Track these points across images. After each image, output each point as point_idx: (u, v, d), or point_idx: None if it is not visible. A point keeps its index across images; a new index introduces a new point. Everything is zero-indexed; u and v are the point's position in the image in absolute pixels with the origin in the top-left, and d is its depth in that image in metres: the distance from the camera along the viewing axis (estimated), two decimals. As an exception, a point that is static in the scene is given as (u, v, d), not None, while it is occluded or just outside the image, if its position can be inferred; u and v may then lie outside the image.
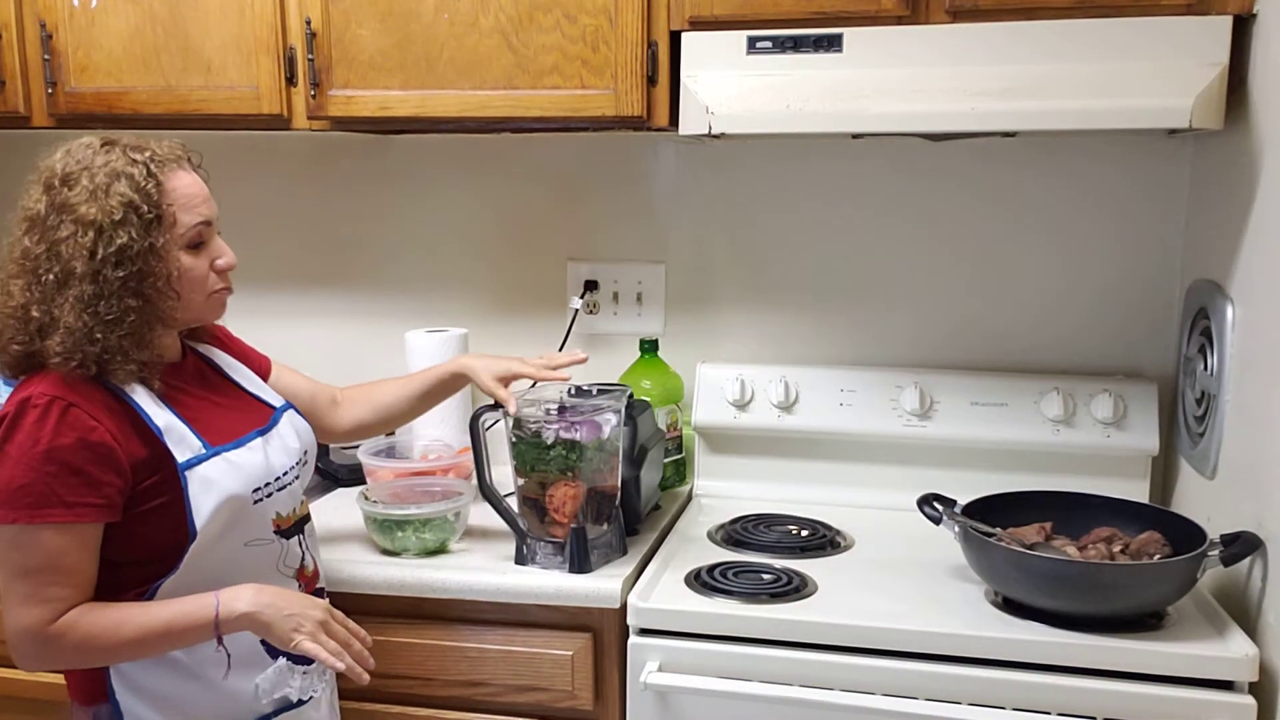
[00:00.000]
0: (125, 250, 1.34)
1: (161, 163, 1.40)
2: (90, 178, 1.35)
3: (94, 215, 1.34)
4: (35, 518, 1.31)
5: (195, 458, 1.40)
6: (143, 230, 1.35)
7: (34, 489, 1.31)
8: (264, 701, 1.47)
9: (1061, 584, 1.54)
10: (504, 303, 2.32)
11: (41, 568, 1.32)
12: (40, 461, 1.31)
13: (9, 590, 1.35)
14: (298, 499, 1.56)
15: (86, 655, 1.38)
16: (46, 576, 1.33)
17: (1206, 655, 1.47)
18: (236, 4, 1.93)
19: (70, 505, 1.32)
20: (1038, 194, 2.07)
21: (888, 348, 2.16)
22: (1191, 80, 1.60)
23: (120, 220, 1.34)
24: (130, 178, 1.36)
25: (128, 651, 1.38)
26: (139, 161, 1.37)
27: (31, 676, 1.84)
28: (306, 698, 1.53)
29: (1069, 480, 1.92)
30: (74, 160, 1.38)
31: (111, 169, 1.36)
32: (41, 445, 1.31)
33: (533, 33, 1.85)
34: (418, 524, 1.77)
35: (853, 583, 1.72)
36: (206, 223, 1.43)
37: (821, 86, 1.73)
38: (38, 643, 1.34)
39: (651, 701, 1.62)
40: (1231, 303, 1.71)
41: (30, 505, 1.31)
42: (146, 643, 1.37)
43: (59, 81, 2.02)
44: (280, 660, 1.48)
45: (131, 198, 1.35)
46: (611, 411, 1.74)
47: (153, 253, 1.36)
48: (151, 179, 1.37)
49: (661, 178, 2.22)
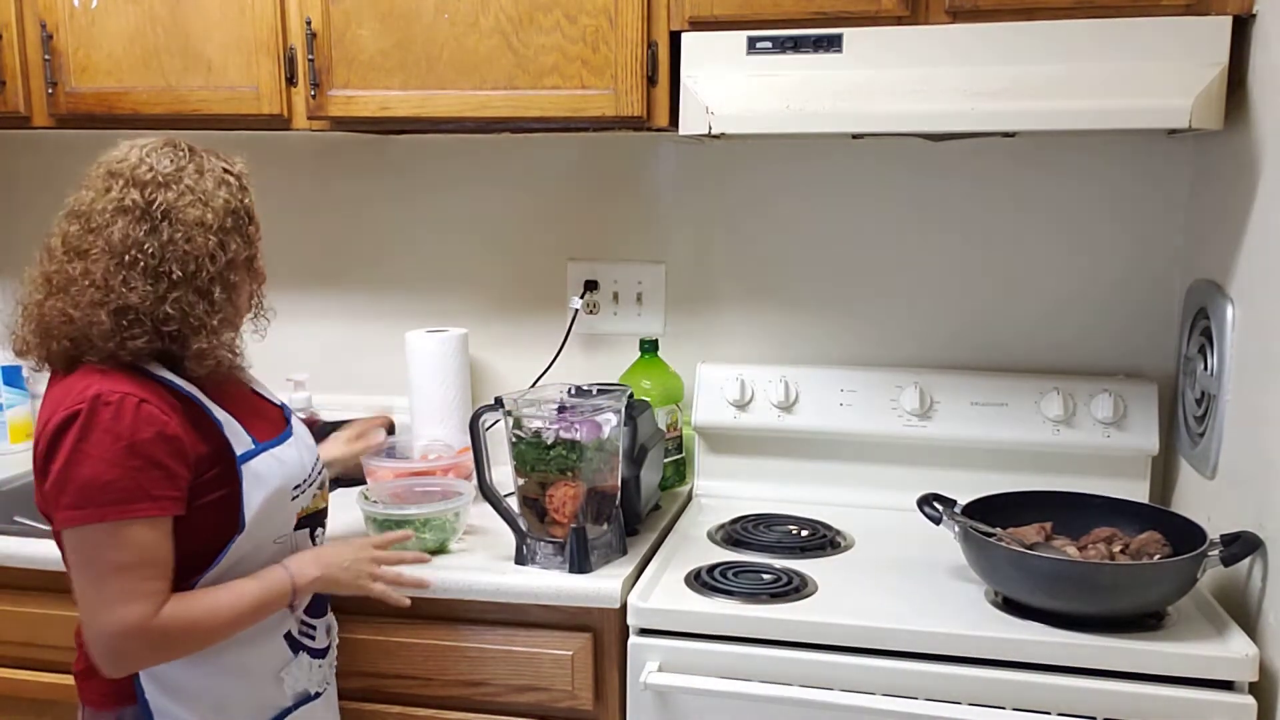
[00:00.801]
0: (236, 256, 1.41)
1: (247, 178, 1.46)
2: (193, 180, 1.38)
3: (209, 219, 1.37)
4: (125, 513, 1.31)
5: (248, 452, 1.42)
6: (245, 241, 1.43)
7: (121, 485, 1.30)
8: (288, 694, 1.50)
9: (1062, 584, 1.54)
10: (504, 303, 2.32)
11: (137, 562, 1.32)
12: (124, 456, 1.31)
13: (100, 590, 1.32)
14: (313, 495, 1.58)
15: (189, 644, 1.38)
16: (144, 571, 1.32)
17: (1206, 655, 1.47)
18: (237, 4, 1.93)
19: (156, 499, 1.32)
20: (1038, 194, 2.07)
21: (888, 348, 2.16)
22: (1191, 80, 1.60)
23: (231, 227, 1.40)
24: (229, 185, 1.41)
25: (223, 634, 1.40)
26: (232, 173, 1.43)
27: (36, 677, 1.85)
28: (322, 689, 1.56)
29: (1069, 480, 1.92)
30: (166, 161, 1.38)
31: (214, 176, 1.40)
32: (124, 440, 1.31)
33: (533, 33, 1.85)
34: (418, 524, 1.77)
35: (853, 583, 1.72)
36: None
37: (822, 87, 1.73)
38: (144, 638, 1.33)
39: (651, 701, 1.62)
40: (1231, 303, 1.71)
41: (119, 501, 1.30)
42: (239, 622, 1.40)
43: (59, 82, 2.02)
44: (301, 654, 1.51)
45: (236, 206, 1.41)
46: (611, 411, 1.74)
47: (250, 263, 1.45)
48: (245, 192, 1.44)
49: (661, 178, 2.22)
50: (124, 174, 1.37)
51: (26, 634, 1.84)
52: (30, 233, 1.49)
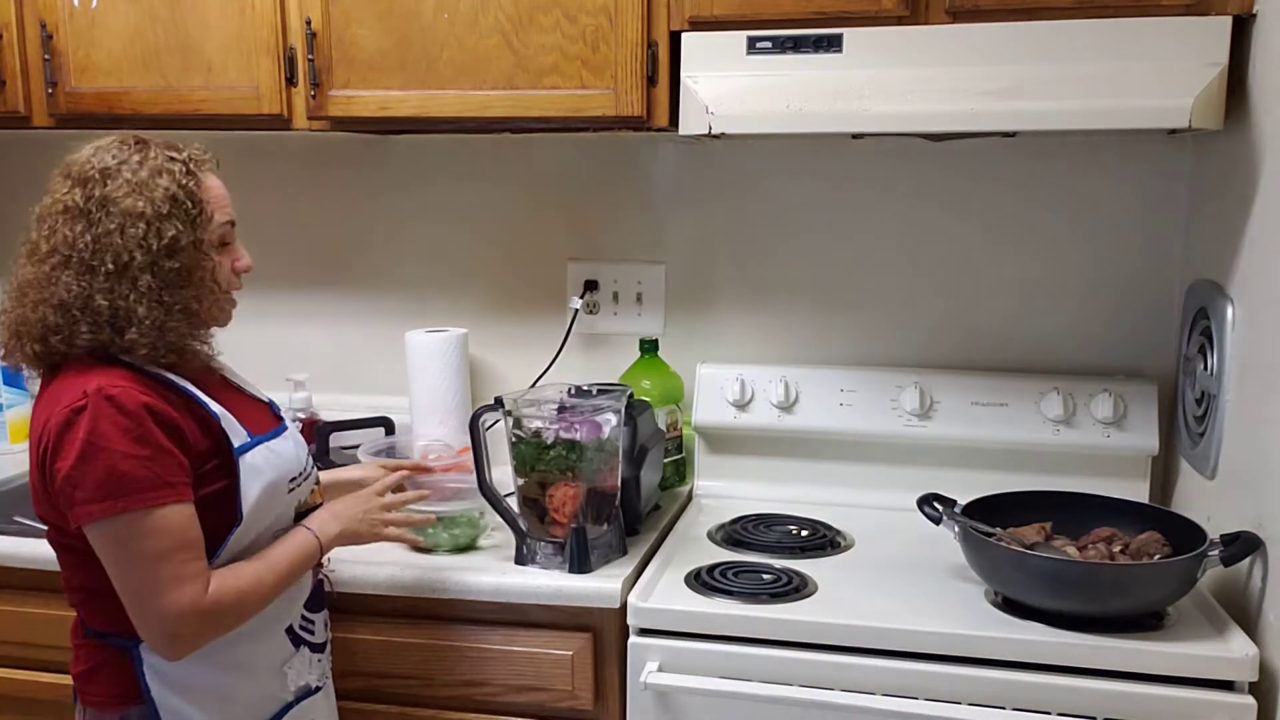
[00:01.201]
0: (176, 242, 1.37)
1: (198, 162, 1.43)
2: (132, 172, 1.37)
3: (142, 208, 1.36)
4: (148, 502, 1.31)
5: (245, 444, 1.42)
6: (188, 224, 1.38)
7: (139, 474, 1.31)
8: (291, 689, 1.50)
9: (1061, 584, 1.54)
10: (504, 302, 2.32)
11: (176, 546, 1.33)
12: (135, 446, 1.31)
13: (150, 579, 1.32)
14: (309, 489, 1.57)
15: (240, 615, 1.39)
16: (184, 554, 1.33)
17: (1207, 655, 1.47)
18: (237, 4, 1.93)
19: (173, 485, 1.33)
20: (1037, 193, 2.07)
21: (888, 347, 2.16)
22: (1191, 80, 1.60)
23: (167, 214, 1.37)
24: (171, 174, 1.39)
25: (267, 599, 1.42)
26: (178, 159, 1.41)
27: (33, 677, 1.85)
28: (322, 683, 1.57)
29: (1069, 480, 1.92)
30: (109, 156, 1.39)
31: (153, 165, 1.38)
32: (133, 431, 1.31)
33: (533, 32, 1.85)
34: (448, 521, 1.78)
35: (853, 583, 1.72)
36: (232, 223, 1.47)
37: (821, 87, 1.73)
38: (200, 618, 1.34)
39: (651, 701, 1.62)
40: (1231, 303, 1.71)
41: (140, 490, 1.31)
42: (280, 586, 1.43)
43: (59, 81, 2.02)
44: (302, 649, 1.51)
45: (175, 192, 1.38)
46: (611, 411, 1.74)
47: (197, 247, 1.40)
48: (191, 176, 1.40)
49: (661, 178, 2.22)
50: (72, 174, 1.39)
51: (23, 634, 1.84)
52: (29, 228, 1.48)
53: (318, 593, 1.57)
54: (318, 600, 1.58)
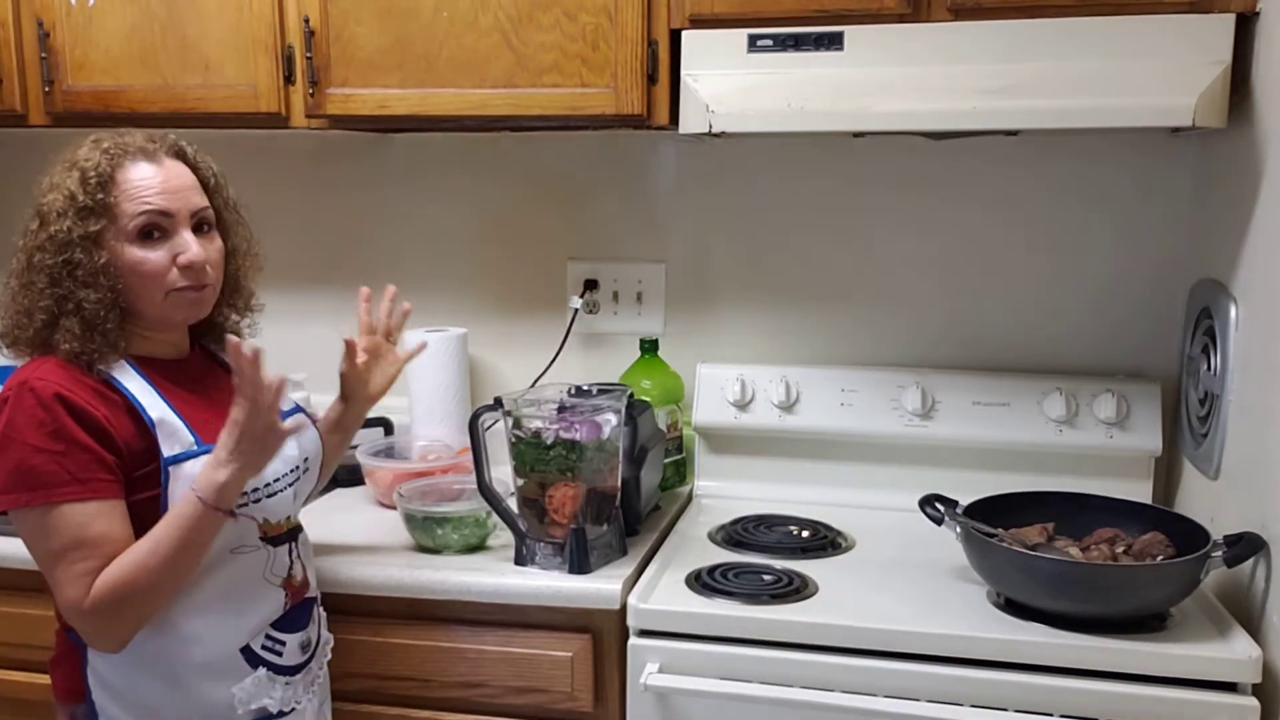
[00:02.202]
0: (55, 238, 1.36)
1: (123, 153, 1.39)
2: (57, 172, 1.39)
3: (43, 205, 1.37)
4: (51, 497, 1.31)
5: (184, 453, 1.39)
6: (78, 219, 1.35)
7: (45, 469, 1.31)
8: (239, 711, 1.45)
9: (1064, 585, 1.53)
10: (503, 302, 2.32)
11: (69, 545, 1.32)
12: (48, 440, 1.31)
13: (51, 579, 1.35)
14: (290, 508, 1.53)
15: (139, 601, 1.34)
16: (76, 554, 1.32)
17: (1210, 657, 1.47)
18: (234, 2, 1.93)
19: (83, 481, 1.32)
20: (1040, 193, 2.06)
21: (889, 347, 2.15)
22: (1194, 79, 1.60)
23: (60, 210, 1.36)
24: (83, 170, 1.37)
25: (168, 576, 1.34)
26: (99, 153, 1.38)
27: (23, 677, 1.84)
28: (288, 709, 1.50)
29: (1071, 481, 1.91)
30: (63, 157, 1.40)
31: (72, 162, 1.38)
32: (47, 426, 1.31)
33: (532, 31, 1.84)
34: (456, 521, 1.78)
35: (854, 584, 1.72)
36: (160, 212, 1.39)
37: (822, 85, 1.73)
38: (88, 617, 1.33)
39: (651, 703, 1.61)
40: (1235, 302, 1.70)
41: (44, 486, 1.31)
42: (176, 560, 1.34)
43: (56, 80, 2.02)
44: (260, 670, 1.46)
45: (72, 189, 1.36)
46: (611, 411, 1.73)
47: (90, 241, 1.36)
48: (100, 172, 1.37)
49: (661, 177, 2.21)
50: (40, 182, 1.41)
51: (13, 635, 1.83)
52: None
53: (298, 613, 1.52)
54: (296, 621, 1.52)
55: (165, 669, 1.41)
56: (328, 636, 1.62)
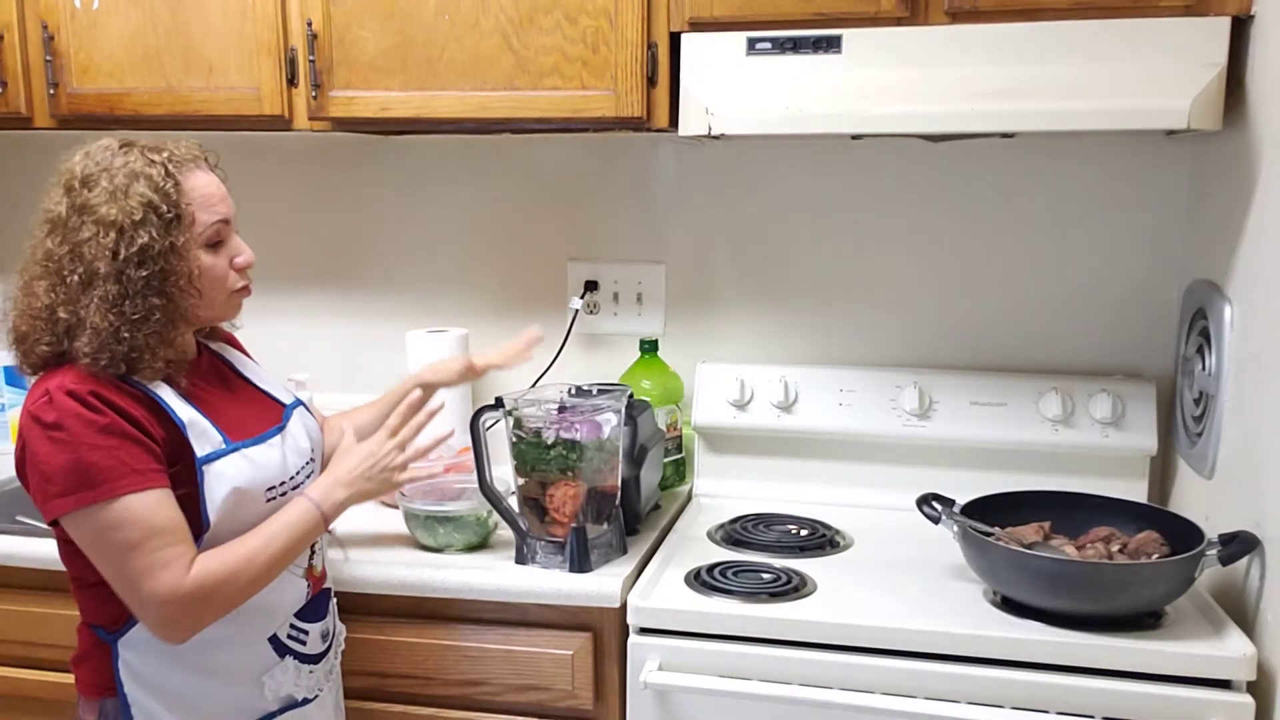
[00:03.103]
0: (147, 250, 1.35)
1: (179, 163, 1.41)
2: (110, 179, 1.36)
3: (114, 216, 1.34)
4: (114, 491, 1.31)
5: (215, 452, 1.41)
6: (163, 230, 1.36)
7: (104, 464, 1.31)
8: (270, 699, 1.48)
9: (1060, 583, 1.54)
10: (504, 303, 2.32)
11: (146, 534, 1.32)
12: (100, 437, 1.31)
13: (127, 571, 1.33)
14: None
15: (234, 594, 1.38)
16: (154, 541, 1.32)
17: (1204, 654, 1.48)
18: (238, 5, 1.94)
19: (140, 471, 1.33)
20: (1036, 194, 2.07)
21: (887, 348, 2.16)
22: (1189, 81, 1.61)
23: (140, 220, 1.35)
24: (149, 178, 1.37)
25: (267, 575, 1.40)
26: (157, 162, 1.38)
27: (34, 675, 1.86)
28: (312, 696, 1.54)
29: (1067, 480, 1.92)
30: (93, 162, 1.38)
31: (130, 170, 1.37)
32: (96, 423, 1.32)
33: (533, 34, 1.85)
34: (458, 520, 1.79)
35: (852, 582, 1.73)
36: (225, 221, 1.44)
37: (821, 88, 1.74)
38: (183, 603, 1.34)
39: (651, 701, 1.62)
40: (1230, 303, 1.71)
41: (107, 480, 1.31)
42: (278, 561, 1.41)
43: (61, 83, 2.03)
44: (288, 659, 1.49)
45: (151, 198, 1.36)
46: (611, 411, 1.74)
47: (174, 252, 1.37)
48: (170, 179, 1.38)
49: (661, 178, 2.22)
50: (61, 181, 1.39)
51: (27, 633, 1.84)
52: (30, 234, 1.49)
53: (318, 603, 1.55)
54: (316, 611, 1.55)
55: (198, 660, 1.42)
56: (341, 627, 1.65)
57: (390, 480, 1.54)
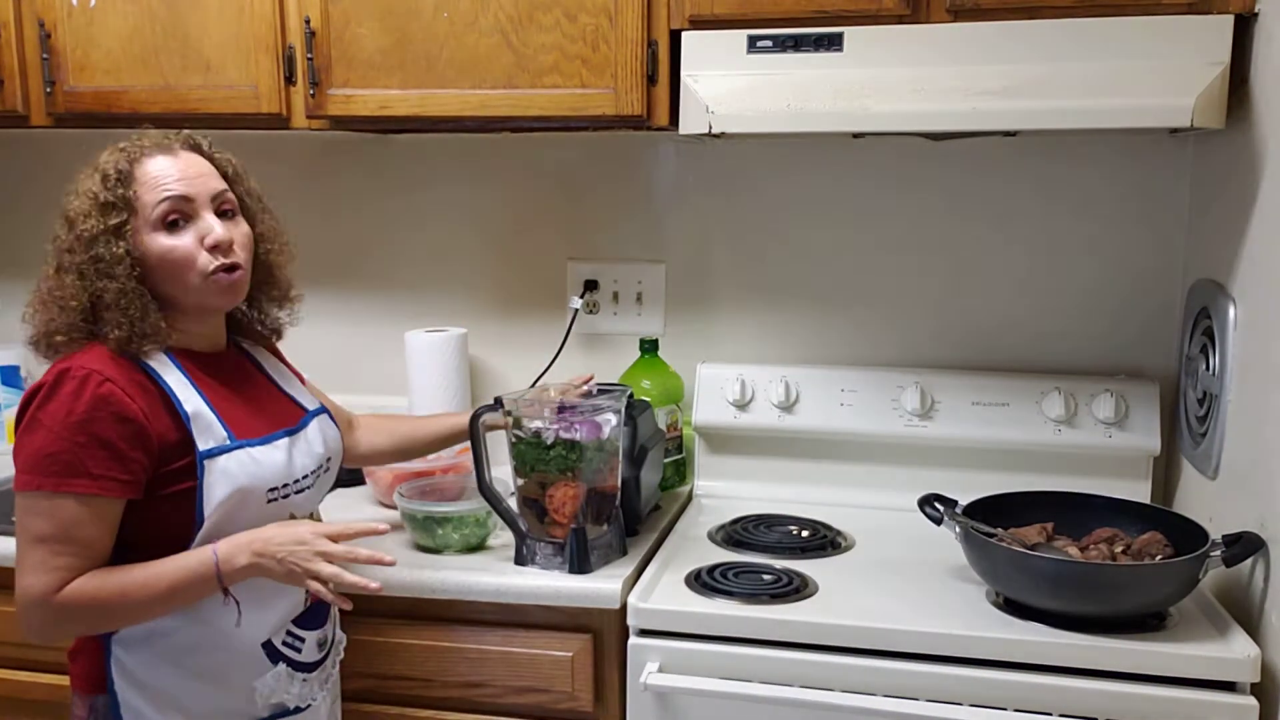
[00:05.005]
0: (81, 236, 1.38)
1: (140, 150, 1.42)
2: (83, 179, 1.41)
3: (70, 208, 1.40)
4: (60, 486, 1.32)
5: (218, 448, 1.40)
6: (101, 216, 1.38)
7: (62, 458, 1.32)
8: (260, 705, 1.47)
9: (1063, 585, 1.54)
10: (504, 302, 2.32)
11: (56, 536, 1.33)
12: (71, 431, 1.32)
13: (22, 559, 1.35)
14: (314, 504, 1.56)
15: (96, 622, 1.38)
16: (58, 546, 1.33)
17: (1208, 656, 1.47)
18: (235, 3, 1.93)
19: (95, 477, 1.32)
20: (1039, 193, 2.07)
21: (888, 347, 2.16)
22: (1193, 79, 1.60)
23: (85, 211, 1.38)
24: (103, 171, 1.40)
25: (139, 613, 1.38)
26: (121, 152, 1.41)
27: (31, 678, 1.85)
28: (304, 705, 1.52)
29: (1070, 480, 1.91)
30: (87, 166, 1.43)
31: (96, 164, 1.41)
32: (75, 416, 1.32)
33: (532, 32, 1.85)
34: (457, 521, 1.78)
35: (853, 583, 1.72)
36: (181, 198, 1.40)
37: (822, 86, 1.73)
38: (42, 611, 1.34)
39: (651, 702, 1.61)
40: (1233, 302, 1.71)
41: (56, 473, 1.32)
42: (155, 604, 1.37)
43: (58, 80, 2.02)
44: (280, 666, 1.48)
45: (94, 189, 1.39)
46: (611, 411, 1.73)
47: (111, 234, 1.38)
48: (128, 164, 1.40)
49: (661, 177, 2.22)
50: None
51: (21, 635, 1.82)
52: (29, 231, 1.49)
53: (317, 609, 1.53)
54: (315, 617, 1.53)
55: (189, 662, 1.42)
56: (341, 636, 1.63)
57: (293, 578, 1.38)
